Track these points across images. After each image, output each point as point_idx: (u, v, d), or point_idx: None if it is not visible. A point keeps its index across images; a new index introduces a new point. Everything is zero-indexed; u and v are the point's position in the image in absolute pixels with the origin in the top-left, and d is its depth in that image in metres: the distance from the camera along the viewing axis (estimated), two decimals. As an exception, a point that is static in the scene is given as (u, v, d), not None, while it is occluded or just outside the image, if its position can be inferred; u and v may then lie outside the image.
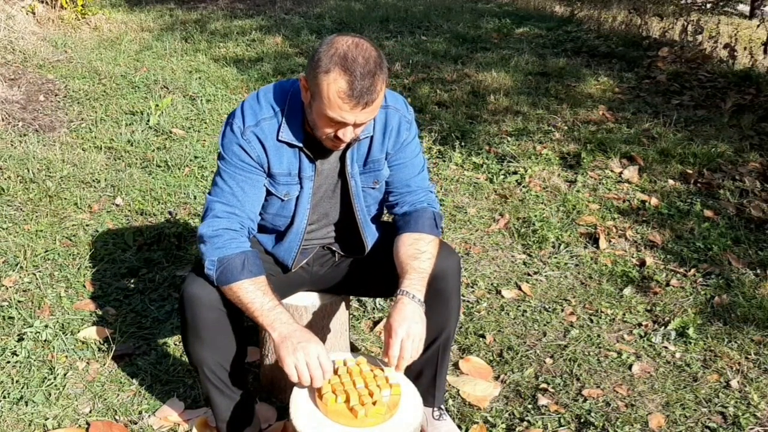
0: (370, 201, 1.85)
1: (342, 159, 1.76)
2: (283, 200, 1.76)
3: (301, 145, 1.69)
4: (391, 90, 1.82)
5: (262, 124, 1.67)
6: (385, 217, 2.01)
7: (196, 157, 3.79)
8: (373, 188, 1.82)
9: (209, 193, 1.72)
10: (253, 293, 1.58)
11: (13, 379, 2.15)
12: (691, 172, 3.73)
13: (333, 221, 1.88)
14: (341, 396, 1.49)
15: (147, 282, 2.70)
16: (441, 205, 3.37)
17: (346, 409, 1.48)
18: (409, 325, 1.57)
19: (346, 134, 1.57)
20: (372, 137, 1.75)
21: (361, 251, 1.89)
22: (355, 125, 1.57)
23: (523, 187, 3.62)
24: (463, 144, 4.06)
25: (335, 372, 1.56)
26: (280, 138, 1.67)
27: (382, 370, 1.59)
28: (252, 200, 1.70)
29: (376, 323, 2.52)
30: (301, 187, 1.75)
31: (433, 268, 1.70)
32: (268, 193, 1.74)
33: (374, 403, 1.48)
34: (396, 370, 1.58)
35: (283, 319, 1.56)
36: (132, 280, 2.71)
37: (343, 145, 1.65)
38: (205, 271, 1.62)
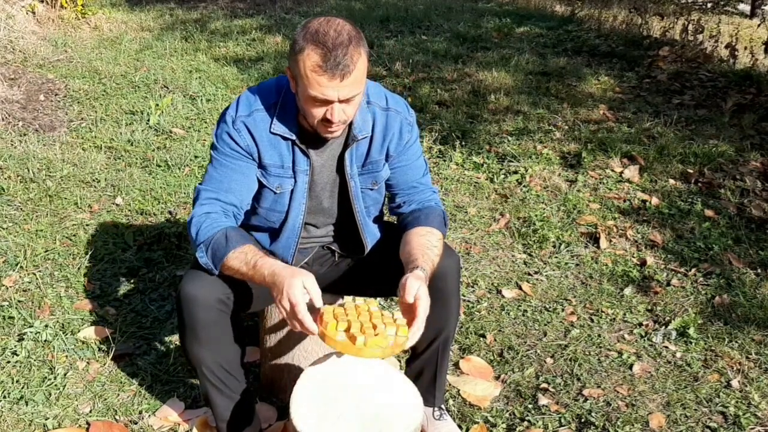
0: (369, 202, 1.85)
1: (341, 158, 1.76)
2: (276, 193, 1.76)
3: (294, 138, 1.69)
4: (392, 92, 1.83)
5: (254, 115, 1.68)
6: (386, 218, 2.01)
7: (196, 157, 3.79)
8: (371, 189, 1.82)
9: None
10: (241, 260, 1.57)
11: (13, 379, 2.15)
12: (691, 171, 3.73)
13: (332, 221, 1.88)
14: (342, 323, 1.48)
15: (147, 282, 2.70)
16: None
17: (347, 339, 1.47)
18: (425, 290, 1.54)
19: (334, 114, 1.55)
20: (372, 138, 1.75)
21: (361, 251, 1.89)
22: (341, 101, 1.54)
23: (524, 186, 3.62)
24: (463, 143, 4.06)
25: (341, 306, 1.56)
26: (272, 130, 1.68)
27: (392, 314, 1.57)
28: (239, 186, 1.71)
29: (376, 323, 2.52)
30: (295, 181, 1.75)
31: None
32: (261, 185, 1.75)
33: (376, 335, 1.46)
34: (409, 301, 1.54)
35: (265, 272, 1.53)
36: (132, 280, 2.71)
37: (336, 131, 1.63)
38: (200, 263, 1.62)
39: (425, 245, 1.69)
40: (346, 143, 1.73)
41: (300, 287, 1.47)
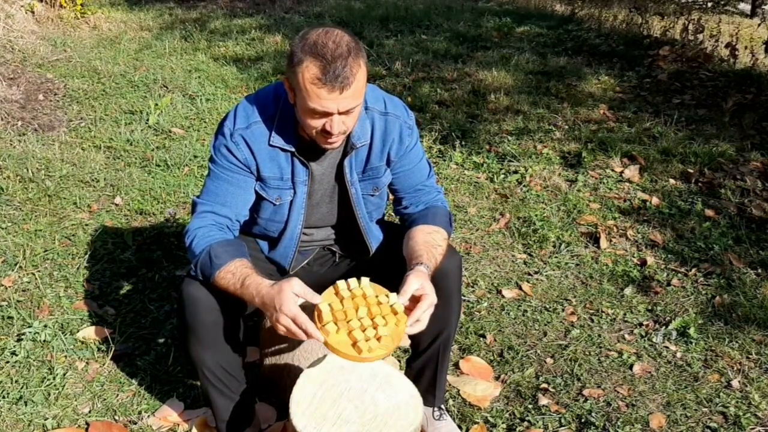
0: (371, 207, 1.84)
1: (340, 166, 1.75)
2: (275, 204, 1.75)
3: (293, 149, 1.68)
4: (390, 93, 1.81)
5: (252, 128, 1.66)
6: (387, 217, 2.00)
7: (195, 157, 3.78)
8: (372, 195, 1.81)
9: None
10: (228, 280, 1.57)
11: (12, 379, 2.15)
12: (692, 171, 3.73)
13: (331, 224, 1.87)
14: (343, 329, 1.47)
15: (146, 282, 2.69)
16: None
17: (352, 349, 1.46)
18: (430, 285, 1.55)
19: (333, 126, 1.54)
20: (371, 144, 1.74)
21: (365, 254, 1.89)
22: (340, 113, 1.53)
23: (524, 186, 3.62)
24: (463, 143, 4.05)
25: (337, 294, 1.55)
26: (271, 143, 1.67)
27: (387, 296, 1.55)
28: (235, 199, 1.70)
29: (376, 323, 2.52)
30: (295, 192, 1.74)
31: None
32: (260, 197, 1.74)
33: (378, 339, 1.46)
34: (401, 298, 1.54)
35: (253, 291, 1.52)
36: (131, 280, 2.70)
37: (336, 143, 1.62)
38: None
39: (430, 243, 1.69)
40: (345, 151, 1.72)
41: (291, 299, 1.45)
